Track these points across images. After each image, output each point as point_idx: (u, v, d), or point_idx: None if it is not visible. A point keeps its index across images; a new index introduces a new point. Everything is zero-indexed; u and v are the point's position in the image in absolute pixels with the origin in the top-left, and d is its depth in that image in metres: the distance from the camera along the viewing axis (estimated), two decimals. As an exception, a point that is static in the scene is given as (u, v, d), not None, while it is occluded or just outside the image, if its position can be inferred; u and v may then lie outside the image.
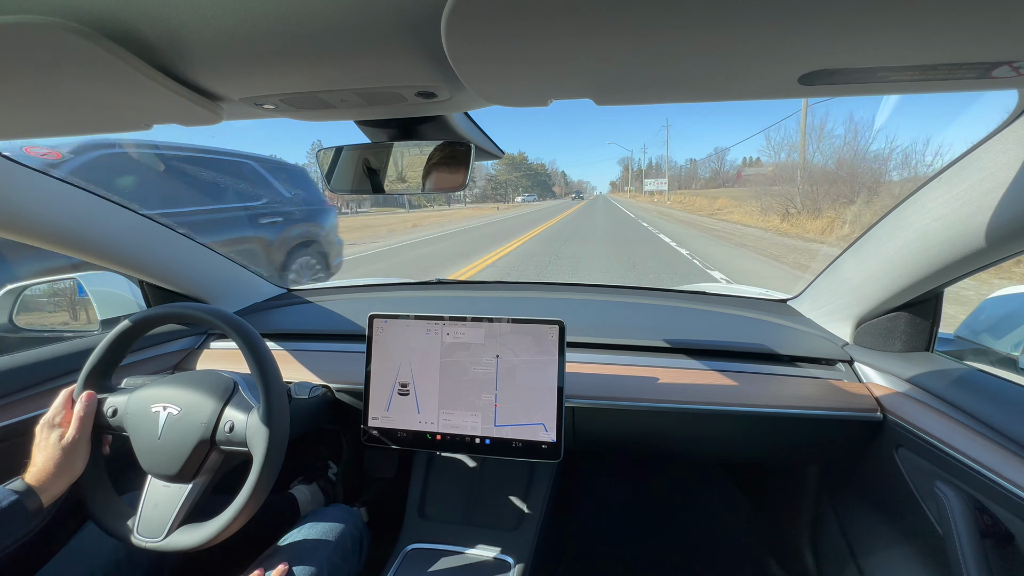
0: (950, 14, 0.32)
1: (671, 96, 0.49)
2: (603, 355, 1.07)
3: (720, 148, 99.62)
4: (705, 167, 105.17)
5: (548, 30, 0.35)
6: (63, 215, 0.91)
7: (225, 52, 0.43)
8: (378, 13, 0.38)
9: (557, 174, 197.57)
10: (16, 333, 1.31)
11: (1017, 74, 0.41)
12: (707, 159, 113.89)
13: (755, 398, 0.94)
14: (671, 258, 8.42)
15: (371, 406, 0.96)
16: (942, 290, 0.86)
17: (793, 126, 31.40)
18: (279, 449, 0.75)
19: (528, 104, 0.52)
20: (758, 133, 77.37)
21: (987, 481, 0.65)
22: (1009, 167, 0.60)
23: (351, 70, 0.48)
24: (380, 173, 0.76)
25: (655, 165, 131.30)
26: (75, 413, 0.78)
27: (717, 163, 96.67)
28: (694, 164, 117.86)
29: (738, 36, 0.35)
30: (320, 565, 0.81)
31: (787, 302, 1.25)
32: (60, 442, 0.74)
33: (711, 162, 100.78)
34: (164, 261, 1.15)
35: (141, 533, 0.75)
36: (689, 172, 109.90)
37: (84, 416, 0.78)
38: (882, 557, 0.91)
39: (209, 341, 1.27)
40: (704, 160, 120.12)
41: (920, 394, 0.83)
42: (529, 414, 0.90)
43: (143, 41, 0.41)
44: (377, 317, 0.98)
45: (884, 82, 0.43)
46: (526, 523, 0.99)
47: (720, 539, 1.45)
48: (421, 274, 7.27)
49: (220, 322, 0.79)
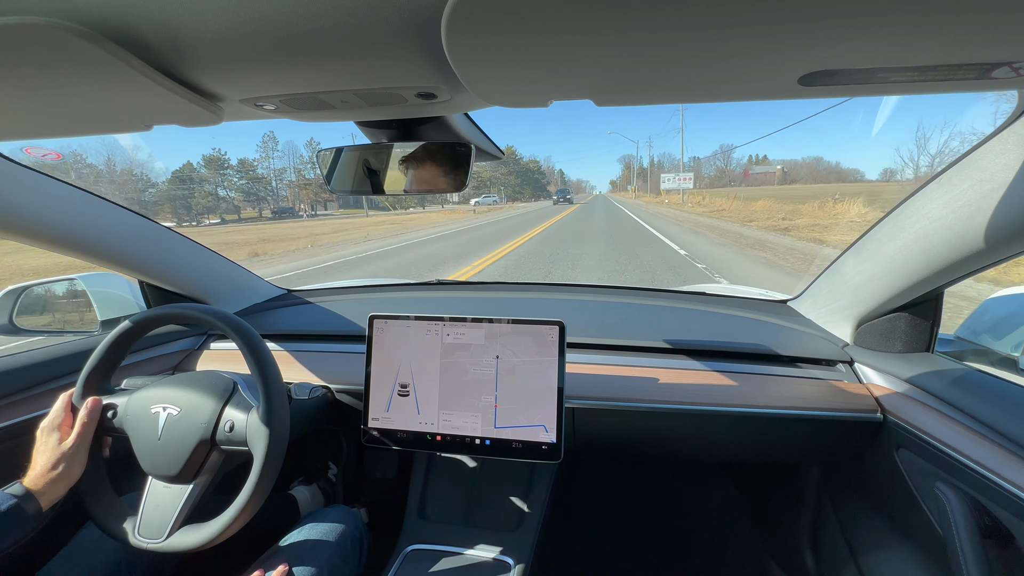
0: (950, 15, 0.32)
1: (671, 97, 0.49)
2: (603, 356, 1.07)
3: (726, 145, 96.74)
4: (709, 165, 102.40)
5: (548, 31, 0.35)
6: (63, 215, 0.91)
7: (225, 53, 0.43)
8: (378, 14, 0.38)
9: (552, 172, 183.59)
10: (16, 333, 1.31)
11: (1017, 75, 0.41)
12: (712, 157, 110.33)
13: (755, 399, 0.94)
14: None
15: (371, 407, 0.96)
16: (942, 291, 0.86)
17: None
18: (279, 449, 0.75)
19: (528, 105, 0.52)
20: (773, 133, 75.52)
21: (987, 482, 0.65)
22: (1009, 168, 0.60)
23: (351, 71, 0.48)
24: (380, 174, 0.76)
25: (657, 163, 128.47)
26: (79, 419, 0.77)
27: (723, 161, 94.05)
28: (697, 162, 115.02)
29: (738, 37, 0.35)
30: (320, 566, 0.81)
31: (787, 303, 1.25)
32: (60, 446, 0.74)
33: (716, 160, 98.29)
34: (164, 262, 1.15)
35: (142, 534, 0.75)
36: (691, 170, 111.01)
37: (87, 422, 0.78)
38: (882, 557, 0.91)
39: (209, 342, 1.27)
40: (708, 158, 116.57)
41: (920, 395, 0.83)
42: (529, 415, 0.90)
43: (143, 41, 0.41)
44: (377, 318, 0.98)
45: (884, 83, 0.43)
46: (526, 523, 0.99)
47: (720, 539, 1.45)
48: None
49: (220, 323, 0.79)
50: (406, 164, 0.74)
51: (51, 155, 5.14)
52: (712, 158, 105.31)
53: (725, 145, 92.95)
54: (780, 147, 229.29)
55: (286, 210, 68.44)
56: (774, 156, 49.16)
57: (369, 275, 8.57)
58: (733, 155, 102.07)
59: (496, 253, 10.25)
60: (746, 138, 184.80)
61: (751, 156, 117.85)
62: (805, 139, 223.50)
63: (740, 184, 51.35)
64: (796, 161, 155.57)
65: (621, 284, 1.46)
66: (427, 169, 0.74)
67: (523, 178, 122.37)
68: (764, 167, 46.49)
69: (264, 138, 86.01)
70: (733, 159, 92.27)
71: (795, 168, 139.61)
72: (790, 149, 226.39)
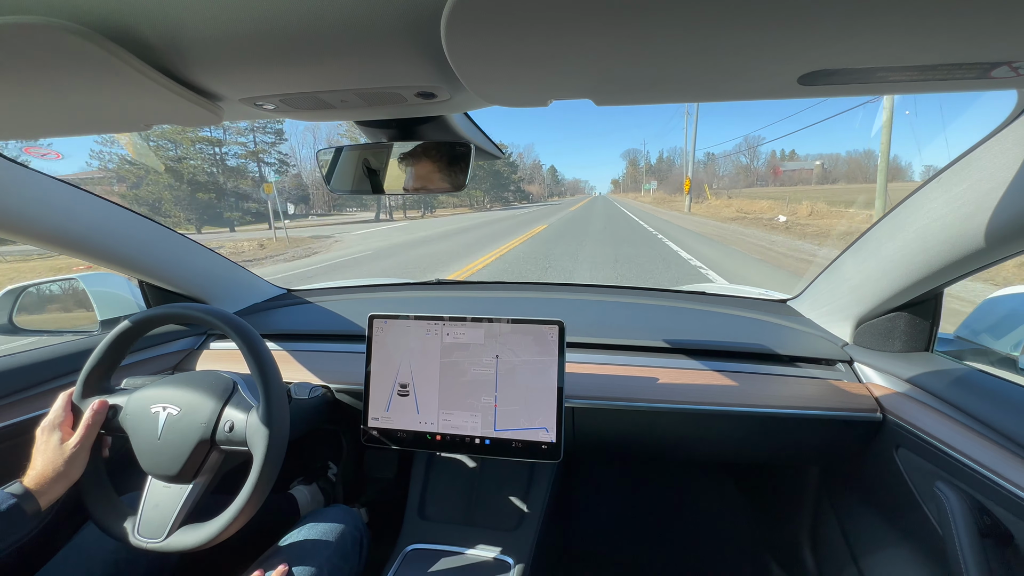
0: (949, 14, 0.32)
1: (671, 96, 0.49)
2: (603, 355, 1.07)
3: (753, 136, 74.98)
4: (727, 162, 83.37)
5: (548, 30, 0.35)
6: (63, 215, 0.91)
7: (225, 52, 0.43)
8: (378, 14, 0.38)
9: (536, 168, 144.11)
10: (16, 333, 1.31)
11: (1016, 74, 0.41)
12: (731, 152, 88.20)
13: (755, 398, 0.94)
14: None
15: (371, 406, 0.96)
16: (942, 290, 0.87)
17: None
18: (279, 449, 0.75)
19: (528, 104, 0.52)
20: (830, 118, 58.36)
21: (987, 481, 0.65)
22: (1008, 167, 0.60)
23: (351, 71, 0.48)
24: (380, 173, 0.76)
25: (666, 159, 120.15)
26: (83, 420, 0.77)
27: (749, 156, 68.34)
28: (712, 159, 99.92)
29: (738, 36, 0.35)
30: (320, 565, 0.81)
31: (787, 302, 1.25)
32: (61, 446, 0.74)
33: (739, 154, 72.22)
34: (164, 261, 1.15)
35: (141, 534, 0.75)
36: (706, 169, 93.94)
37: (91, 424, 0.77)
38: (882, 557, 0.91)
39: (209, 341, 1.27)
40: (726, 155, 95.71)
41: (920, 394, 0.83)
42: (529, 414, 0.90)
43: (143, 41, 0.41)
44: (377, 317, 0.98)
45: (884, 82, 0.43)
46: (526, 523, 0.99)
47: (720, 539, 1.45)
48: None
49: (220, 322, 0.79)
50: (406, 163, 0.74)
51: (51, 155, 5.16)
52: (731, 155, 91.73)
53: (751, 136, 75.99)
54: (816, 141, 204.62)
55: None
56: (808, 151, 42.55)
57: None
58: (758, 149, 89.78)
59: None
60: (770, 131, 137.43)
61: (774, 151, 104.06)
62: (840, 134, 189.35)
63: (769, 183, 43.80)
64: (837, 156, 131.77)
65: (621, 285, 1.46)
66: (427, 168, 0.74)
67: (494, 179, 71.02)
68: (797, 164, 40.98)
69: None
70: (761, 154, 79.39)
71: (837, 164, 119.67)
72: (828, 143, 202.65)
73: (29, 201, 0.85)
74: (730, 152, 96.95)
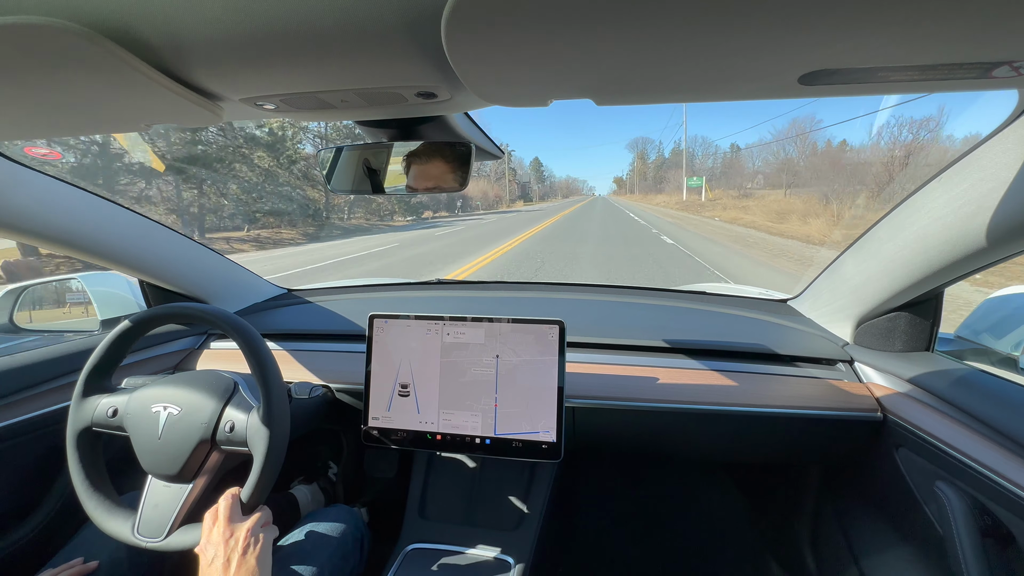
0: (950, 14, 0.32)
1: (671, 96, 0.49)
2: (603, 355, 1.07)
3: (802, 119, 50.43)
4: (757, 155, 61.89)
5: (548, 30, 0.35)
6: (63, 215, 0.91)
7: (225, 52, 0.43)
8: (378, 14, 0.38)
9: (516, 166, 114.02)
10: (16, 333, 1.31)
11: (1017, 74, 0.41)
12: (765, 143, 62.86)
13: (755, 398, 0.94)
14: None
15: (371, 406, 0.96)
16: (942, 290, 0.86)
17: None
18: (279, 449, 0.75)
19: (528, 104, 0.52)
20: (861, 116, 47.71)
21: (987, 481, 0.65)
22: (1009, 167, 0.60)
23: (351, 71, 0.48)
24: (380, 173, 0.76)
25: (680, 151, 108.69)
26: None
27: (803, 146, 44.74)
28: (736, 151, 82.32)
29: (738, 36, 0.35)
30: (321, 565, 0.81)
31: (787, 302, 1.25)
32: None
33: (781, 145, 49.26)
34: (164, 261, 1.15)
35: (141, 533, 0.75)
36: (729, 163, 75.66)
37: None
38: (882, 557, 0.91)
39: (209, 341, 1.27)
40: (750, 148, 72.56)
41: (920, 394, 0.83)
42: (529, 414, 0.90)
43: (143, 41, 0.41)
44: (377, 317, 0.98)
45: (884, 82, 0.43)
46: (526, 523, 0.99)
47: (720, 539, 1.45)
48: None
49: (220, 322, 0.79)
50: (406, 163, 0.74)
51: (51, 155, 5.17)
52: (762, 146, 64.68)
53: (799, 119, 52.55)
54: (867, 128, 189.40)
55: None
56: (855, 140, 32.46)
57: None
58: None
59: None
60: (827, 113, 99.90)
61: (834, 141, 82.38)
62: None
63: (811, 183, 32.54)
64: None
65: (621, 284, 1.46)
66: (427, 168, 0.74)
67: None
68: (849, 154, 31.82)
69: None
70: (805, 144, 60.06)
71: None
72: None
73: (30, 201, 0.85)
74: (747, 146, 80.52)
